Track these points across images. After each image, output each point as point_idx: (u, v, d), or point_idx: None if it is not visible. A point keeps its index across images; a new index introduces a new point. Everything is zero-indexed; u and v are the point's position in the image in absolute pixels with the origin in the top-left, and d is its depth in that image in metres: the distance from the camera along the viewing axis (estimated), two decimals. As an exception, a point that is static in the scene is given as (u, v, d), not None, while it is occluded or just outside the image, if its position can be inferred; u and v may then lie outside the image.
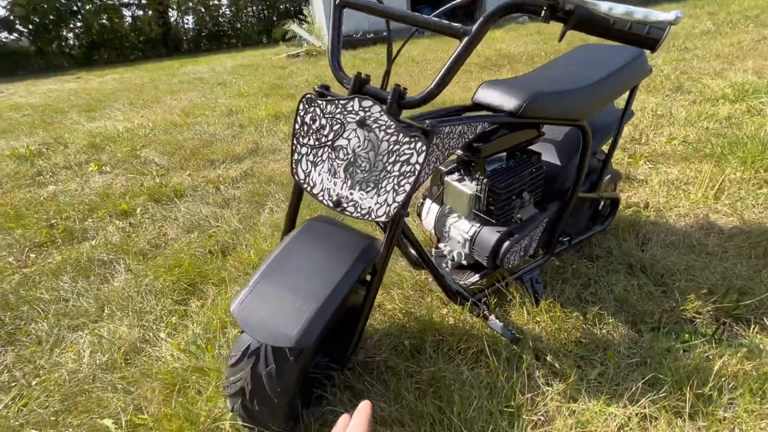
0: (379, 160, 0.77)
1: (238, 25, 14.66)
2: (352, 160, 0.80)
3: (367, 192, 0.79)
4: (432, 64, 5.37)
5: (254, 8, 14.70)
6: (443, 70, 0.73)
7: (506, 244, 1.10)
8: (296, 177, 0.86)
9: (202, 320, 1.27)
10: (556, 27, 0.70)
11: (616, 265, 1.39)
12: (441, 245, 1.30)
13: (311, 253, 0.86)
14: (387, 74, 0.86)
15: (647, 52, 0.94)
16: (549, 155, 1.30)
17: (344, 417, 0.39)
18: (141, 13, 13.54)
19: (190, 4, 13.91)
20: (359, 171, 0.79)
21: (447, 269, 1.27)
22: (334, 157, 0.81)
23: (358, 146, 0.78)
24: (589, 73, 1.12)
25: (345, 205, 0.82)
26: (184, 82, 6.94)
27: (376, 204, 0.79)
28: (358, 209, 0.80)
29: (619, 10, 0.57)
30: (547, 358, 1.05)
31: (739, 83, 3.08)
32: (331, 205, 0.83)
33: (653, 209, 1.72)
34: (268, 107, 4.22)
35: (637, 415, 0.89)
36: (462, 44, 0.71)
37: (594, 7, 0.59)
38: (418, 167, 0.74)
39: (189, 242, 1.80)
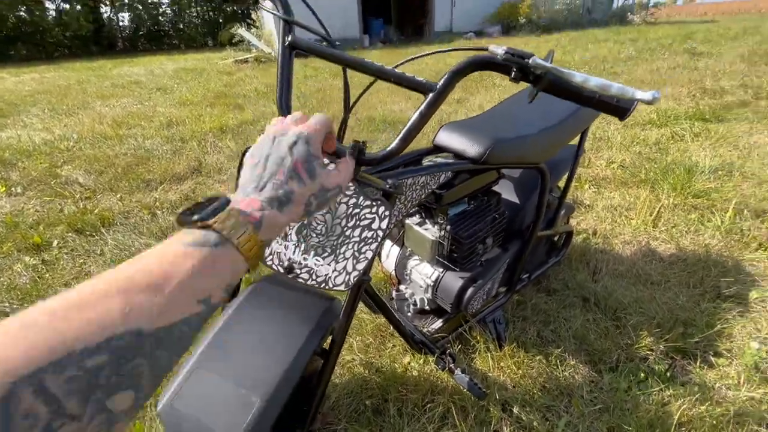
0: (336, 223, 0.69)
1: (181, 26, 13.83)
2: (305, 222, 0.70)
3: (323, 258, 0.70)
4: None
5: (198, 9, 13.96)
6: (407, 126, 0.66)
7: (470, 290, 1.06)
8: (240, 239, 0.75)
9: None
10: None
11: (572, 298, 1.41)
12: (402, 287, 1.24)
13: (259, 326, 0.74)
14: (344, 124, 0.78)
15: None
16: (508, 194, 1.29)
17: None
18: (68, 6, 12.31)
19: (126, 0, 12.91)
20: (314, 234, 0.70)
21: (409, 314, 1.21)
22: (284, 218, 0.71)
23: (313, 208, 0.69)
24: (546, 116, 1.12)
25: (298, 271, 0.72)
26: (117, 85, 6.36)
27: (334, 272, 0.70)
28: (313, 276, 0.71)
29: (594, 83, 0.54)
30: (515, 410, 1.02)
31: (662, 109, 3.39)
32: (281, 270, 0.73)
33: (600, 236, 1.79)
34: (214, 119, 3.95)
35: (605, 473, 0.87)
36: (427, 100, 0.65)
37: (568, 77, 0.56)
38: (380, 233, 0.67)
39: (117, 283, 1.57)
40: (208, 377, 0.67)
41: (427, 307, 1.18)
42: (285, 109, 0.75)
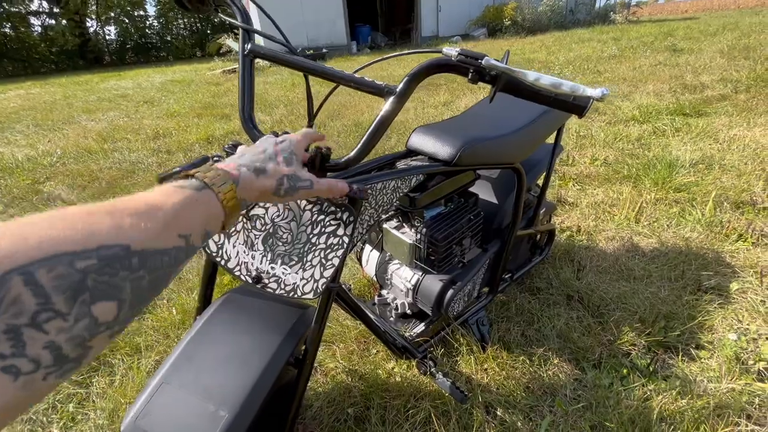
0: (301, 231, 0.68)
1: (168, 38, 13.81)
2: (271, 231, 0.70)
3: (290, 266, 0.69)
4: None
5: (186, 20, 13.97)
6: (369, 132, 0.66)
7: (450, 292, 1.05)
8: (207, 249, 0.74)
9: (107, 406, 1.07)
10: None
11: (556, 296, 1.41)
12: (384, 292, 1.23)
13: (229, 337, 0.73)
14: (309, 130, 0.78)
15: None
16: (486, 194, 1.29)
17: None
18: (53, 21, 12.26)
19: (112, 14, 12.88)
20: (280, 243, 0.69)
21: (391, 318, 1.20)
22: (250, 227, 0.70)
23: (277, 215, 0.69)
24: (519, 115, 1.13)
25: (266, 281, 0.71)
26: (104, 99, 6.33)
27: (301, 280, 0.69)
28: (282, 286, 0.70)
29: (545, 81, 0.54)
30: (498, 412, 1.01)
31: (644, 105, 3.43)
32: (249, 281, 0.72)
33: (584, 233, 1.80)
34: (200, 130, 3.93)
35: (587, 472, 0.87)
36: (388, 104, 0.65)
37: (521, 76, 0.56)
38: (346, 239, 0.66)
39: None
40: (175, 392, 0.65)
41: (408, 311, 1.17)
42: (248, 120, 0.75)
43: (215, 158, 0.48)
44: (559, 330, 1.26)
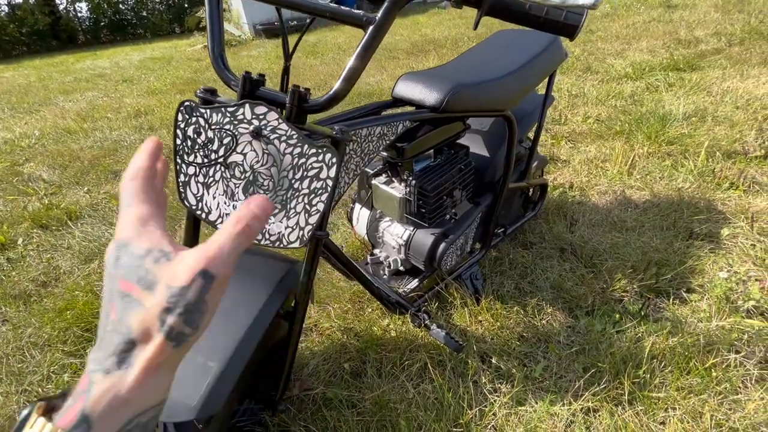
0: (283, 176, 0.65)
1: (144, 14, 13.16)
2: (251, 178, 0.66)
3: (274, 215, 0.67)
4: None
5: (161, -6, 13.26)
6: (348, 66, 0.62)
7: (442, 246, 1.04)
8: (186, 203, 0.71)
9: (103, 373, 1.06)
10: (475, 13, 0.62)
11: (549, 250, 1.41)
12: (376, 251, 1.22)
13: (216, 292, 0.72)
14: (286, 73, 0.73)
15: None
16: (477, 147, 1.26)
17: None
18: (20, 0, 11.59)
19: (81, -11, 12.18)
20: (262, 191, 0.66)
21: (385, 276, 1.19)
22: (229, 176, 0.67)
23: (257, 162, 0.65)
24: (509, 61, 1.08)
25: (250, 231, 0.68)
26: (81, 79, 6.07)
27: (286, 228, 0.67)
28: (266, 236, 0.68)
29: (533, -6, 0.50)
30: (493, 360, 1.02)
31: (637, 62, 3.36)
32: (233, 233, 0.69)
33: (577, 188, 1.79)
34: (183, 105, 3.80)
35: (581, 410, 0.89)
36: (367, 35, 0.61)
37: (507, -9, 0.52)
38: (330, 182, 0.64)
39: (88, 274, 1.53)
40: (162, 345, 0.64)
41: (401, 268, 1.16)
42: (218, 59, 0.70)
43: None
44: (553, 281, 1.26)
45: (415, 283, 1.14)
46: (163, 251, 0.24)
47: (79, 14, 13.04)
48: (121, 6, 13.21)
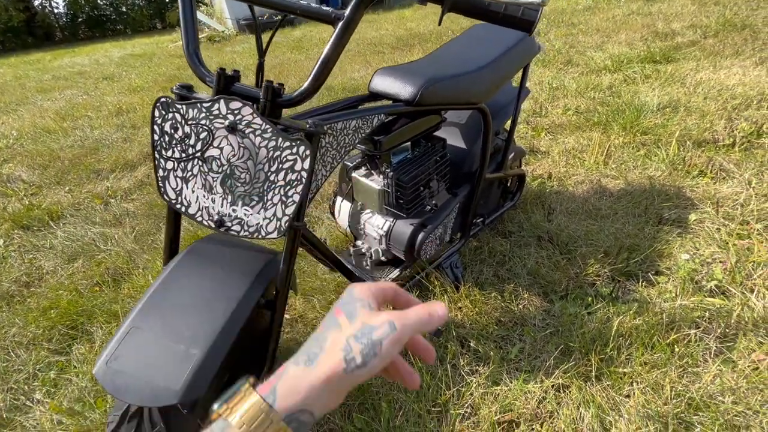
0: (259, 169, 0.67)
1: (124, 9, 12.84)
2: (228, 172, 0.68)
3: (251, 207, 0.69)
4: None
5: (141, -11, 12.94)
6: (319, 61, 0.64)
7: (421, 235, 1.07)
8: (166, 197, 0.73)
9: (89, 369, 1.08)
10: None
11: (527, 238, 1.46)
12: (359, 243, 1.25)
13: (198, 283, 0.74)
14: (260, 69, 0.75)
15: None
16: (454, 139, 1.29)
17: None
18: (-10, -4, 11.20)
19: (56, -16, 11.82)
20: (239, 184, 0.69)
21: (368, 267, 1.22)
22: (206, 170, 0.69)
23: (233, 155, 0.67)
24: (482, 55, 1.12)
25: (229, 224, 0.71)
26: (59, 77, 5.93)
27: (264, 219, 0.69)
28: (245, 227, 0.70)
29: (490, -8, 0.53)
30: (471, 344, 1.06)
31: (616, 55, 3.43)
32: (212, 225, 0.71)
33: (556, 179, 1.84)
34: (165, 103, 3.75)
35: (552, 386, 0.93)
36: (336, 31, 0.63)
37: (465, -11, 0.55)
38: (304, 174, 0.66)
39: (71, 274, 1.53)
40: (145, 335, 0.66)
41: (383, 258, 1.19)
42: (193, 55, 0.72)
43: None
44: (530, 268, 1.31)
45: (396, 272, 1.18)
46: (371, 305, 0.32)
47: (56, 10, 12.66)
48: (99, 1, 12.85)
